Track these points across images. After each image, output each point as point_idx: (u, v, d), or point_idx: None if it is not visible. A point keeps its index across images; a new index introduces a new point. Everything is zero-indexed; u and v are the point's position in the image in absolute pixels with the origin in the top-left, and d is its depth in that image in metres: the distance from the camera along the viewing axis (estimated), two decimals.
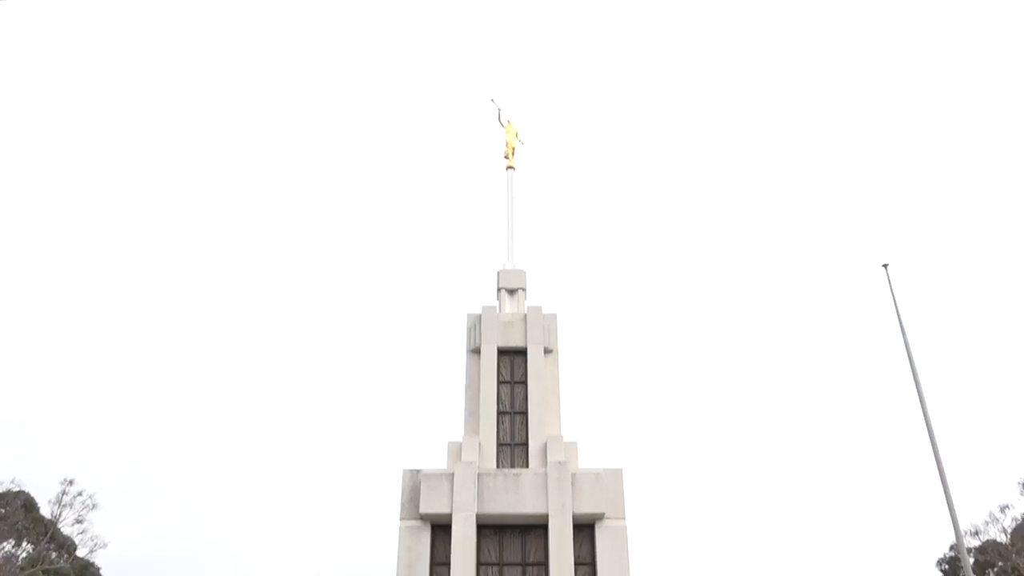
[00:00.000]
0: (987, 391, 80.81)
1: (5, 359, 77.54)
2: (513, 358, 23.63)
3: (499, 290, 25.22)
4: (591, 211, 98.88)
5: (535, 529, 20.95)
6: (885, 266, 20.89)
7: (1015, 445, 70.63)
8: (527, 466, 21.74)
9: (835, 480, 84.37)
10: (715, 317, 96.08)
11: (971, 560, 39.28)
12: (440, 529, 20.80)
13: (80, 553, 42.13)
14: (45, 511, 41.21)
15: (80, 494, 41.36)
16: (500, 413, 22.76)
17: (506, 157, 28.16)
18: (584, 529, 20.84)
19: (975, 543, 41.08)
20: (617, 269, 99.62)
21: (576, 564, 20.35)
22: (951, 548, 42.74)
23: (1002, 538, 40.40)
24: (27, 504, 41.16)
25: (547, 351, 23.63)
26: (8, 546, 39.31)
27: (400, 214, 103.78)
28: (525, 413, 22.64)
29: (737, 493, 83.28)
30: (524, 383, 23.15)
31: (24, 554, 39.80)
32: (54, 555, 41.08)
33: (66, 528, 41.28)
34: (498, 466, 21.78)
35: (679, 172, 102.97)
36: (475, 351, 23.56)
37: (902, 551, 74.82)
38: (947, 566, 42.40)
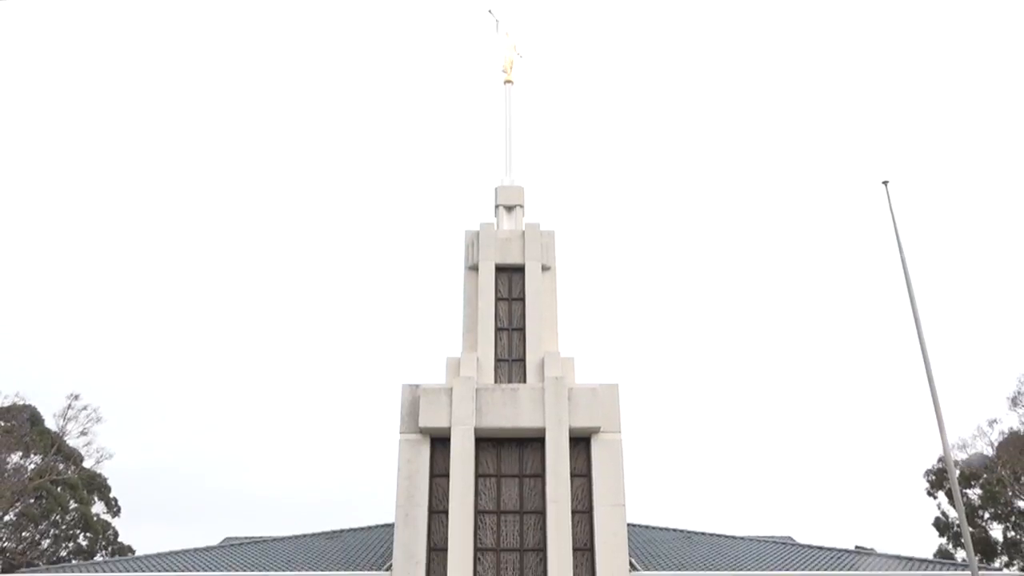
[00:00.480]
0: (981, 308, 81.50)
1: (9, 275, 77.74)
2: (511, 275, 23.75)
3: (497, 207, 25.14)
4: (591, 127, 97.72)
5: (532, 442, 21.41)
6: (885, 183, 20.73)
7: (1006, 361, 71.63)
8: (525, 381, 22.08)
9: (830, 393, 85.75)
10: (714, 234, 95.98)
11: (957, 472, 40.24)
12: (439, 442, 21.26)
13: (86, 464, 43.04)
14: (51, 424, 41.93)
15: (85, 408, 41.98)
16: (498, 329, 22.99)
17: (504, 71, 27.67)
18: (580, 442, 21.31)
19: (962, 456, 42.08)
20: (616, 185, 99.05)
21: (572, 476, 20.90)
22: (939, 460, 43.81)
23: (989, 451, 41.29)
24: (33, 418, 41.82)
25: (545, 268, 23.73)
26: (16, 458, 40.11)
27: (396, 129, 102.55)
28: (523, 329, 22.88)
29: (732, 407, 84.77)
30: (522, 300, 23.32)
31: (32, 465, 40.65)
32: (61, 466, 41.99)
33: (72, 441, 42.04)
34: (496, 381, 22.12)
35: (678, 86, 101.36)
36: (473, 268, 23.65)
37: (892, 462, 76.69)
38: (934, 477, 43.48)
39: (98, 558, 42.62)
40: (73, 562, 38.68)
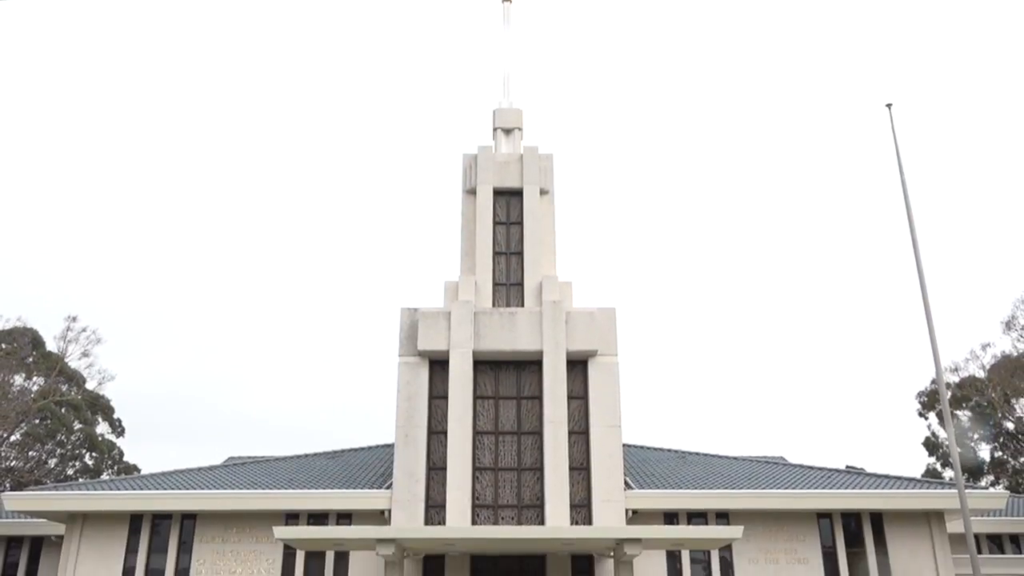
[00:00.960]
0: (978, 233, 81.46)
1: (8, 200, 77.25)
2: (509, 199, 23.63)
3: (495, 130, 24.84)
4: (590, 50, 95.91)
5: (530, 365, 21.66)
6: (889, 106, 20.48)
7: (1002, 286, 71.97)
8: (523, 305, 22.20)
9: (824, 317, 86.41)
10: (714, 155, 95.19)
11: (948, 395, 40.85)
12: (438, 365, 21.51)
13: (89, 386, 43.52)
14: (52, 347, 42.23)
15: (84, 330, 42.26)
16: (496, 253, 23.00)
17: None
18: (577, 365, 21.56)
19: (955, 379, 42.61)
20: (616, 109, 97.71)
21: (569, 398, 21.22)
22: (931, 382, 44.41)
23: (981, 374, 41.83)
24: (34, 340, 42.11)
25: (543, 192, 23.59)
26: (19, 380, 40.50)
27: (394, 52, 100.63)
28: (521, 253, 22.89)
29: (727, 330, 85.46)
30: (520, 223, 23.26)
31: (36, 387, 41.09)
32: (64, 388, 42.46)
33: (73, 363, 42.44)
34: (494, 305, 22.23)
35: (682, 8, 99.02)
36: (471, 192, 23.51)
37: (884, 385, 77.78)
38: (926, 399, 44.18)
39: (104, 476, 43.52)
40: (80, 480, 39.51)
